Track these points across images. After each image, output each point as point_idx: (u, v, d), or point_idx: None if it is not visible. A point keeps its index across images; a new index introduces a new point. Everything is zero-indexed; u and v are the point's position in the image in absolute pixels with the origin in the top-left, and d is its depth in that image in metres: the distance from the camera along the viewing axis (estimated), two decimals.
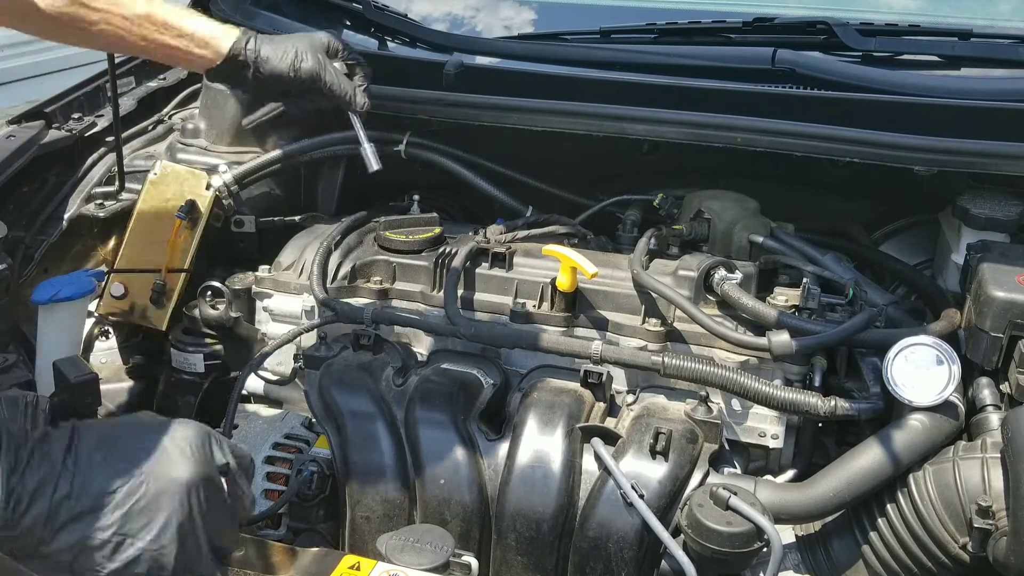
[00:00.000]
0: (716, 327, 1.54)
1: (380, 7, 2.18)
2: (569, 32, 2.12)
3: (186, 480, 1.08)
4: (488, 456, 1.49)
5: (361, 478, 1.48)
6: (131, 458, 1.07)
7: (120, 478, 1.05)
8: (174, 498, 1.07)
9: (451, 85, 1.89)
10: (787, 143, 1.73)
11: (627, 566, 1.39)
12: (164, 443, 1.10)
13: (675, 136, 1.79)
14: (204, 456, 1.12)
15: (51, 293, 1.72)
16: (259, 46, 1.61)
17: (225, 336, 1.84)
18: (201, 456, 1.11)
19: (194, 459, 1.10)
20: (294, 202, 2.08)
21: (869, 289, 1.68)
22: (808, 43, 1.98)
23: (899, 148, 1.68)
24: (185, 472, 1.08)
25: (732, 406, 1.58)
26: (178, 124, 2.23)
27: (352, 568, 1.23)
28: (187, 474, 1.08)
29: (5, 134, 1.99)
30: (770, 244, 1.74)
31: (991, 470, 1.35)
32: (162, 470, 1.07)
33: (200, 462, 1.10)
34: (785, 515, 1.43)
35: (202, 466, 1.10)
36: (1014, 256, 1.57)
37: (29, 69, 5.90)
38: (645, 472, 1.42)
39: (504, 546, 1.44)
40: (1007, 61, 1.97)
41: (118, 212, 2.02)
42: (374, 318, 1.63)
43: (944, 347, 1.42)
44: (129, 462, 1.07)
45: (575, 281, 1.60)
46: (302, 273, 1.75)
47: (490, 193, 1.95)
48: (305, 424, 1.64)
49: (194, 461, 1.10)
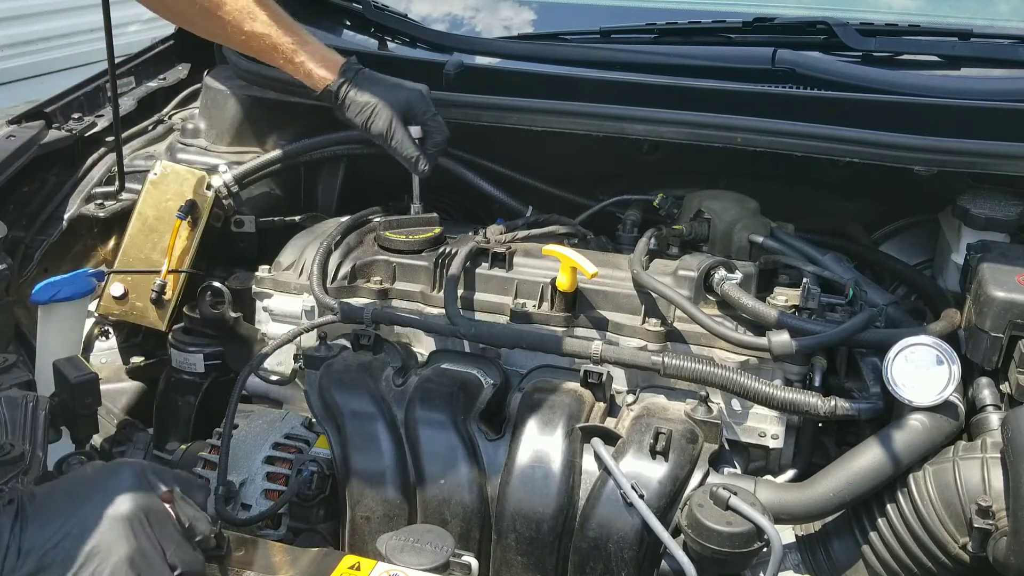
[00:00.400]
0: (716, 327, 1.54)
1: (380, 7, 2.19)
2: (569, 32, 2.12)
3: (126, 514, 1.09)
4: (488, 456, 1.48)
5: (361, 478, 1.48)
6: (69, 511, 1.09)
7: (61, 531, 1.06)
8: (119, 534, 1.08)
9: (451, 85, 1.89)
10: (787, 143, 1.73)
11: (627, 566, 1.39)
12: (102, 486, 1.12)
13: (675, 136, 1.79)
14: (142, 487, 1.13)
15: (51, 293, 1.72)
16: (347, 93, 1.69)
17: (225, 336, 1.84)
18: (139, 488, 1.12)
19: (132, 493, 1.11)
20: (294, 202, 2.08)
21: (869, 289, 1.68)
22: (808, 43, 1.98)
23: (899, 148, 1.68)
24: (125, 507, 1.09)
25: (732, 406, 1.58)
26: (178, 124, 2.23)
27: (352, 568, 1.23)
28: (127, 509, 1.09)
29: (5, 134, 1.99)
30: (770, 244, 1.74)
31: (991, 470, 1.35)
32: (102, 512, 1.09)
33: (139, 495, 1.11)
34: (785, 515, 1.43)
35: (141, 498, 1.11)
36: (1014, 256, 1.57)
37: (29, 69, 5.91)
38: (645, 472, 1.42)
39: (504, 546, 1.44)
40: (1007, 61, 1.97)
41: (118, 212, 2.02)
42: (374, 318, 1.63)
43: (944, 347, 1.42)
44: (67, 515, 1.08)
45: (575, 281, 1.60)
46: (302, 273, 1.75)
47: (490, 193, 1.95)
48: (305, 424, 1.64)
49: (132, 495, 1.11)
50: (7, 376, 1.40)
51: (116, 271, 1.92)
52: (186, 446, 1.67)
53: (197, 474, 1.55)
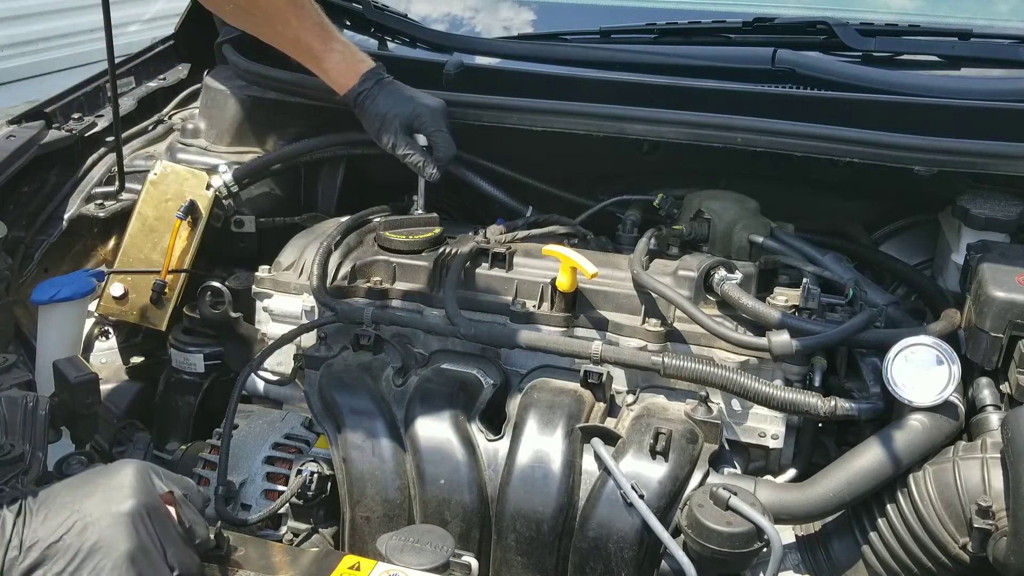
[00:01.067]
0: (716, 327, 1.54)
1: (380, 7, 2.18)
2: (569, 32, 2.12)
3: (130, 512, 1.09)
4: (488, 456, 1.48)
5: (361, 478, 1.48)
6: (72, 506, 1.09)
7: (64, 525, 1.07)
8: (122, 531, 1.08)
9: (451, 85, 1.89)
10: (787, 143, 1.73)
11: (627, 566, 1.39)
12: (104, 483, 1.12)
13: (675, 136, 1.79)
14: (145, 487, 1.13)
15: (51, 293, 1.72)
16: (363, 103, 1.77)
17: (225, 336, 1.84)
18: (142, 488, 1.13)
19: (135, 492, 1.12)
20: (294, 202, 2.08)
21: (869, 289, 1.68)
22: (808, 43, 1.98)
23: (899, 148, 1.68)
24: (128, 505, 1.10)
25: (732, 406, 1.58)
26: (178, 124, 2.23)
27: (352, 568, 1.23)
28: (130, 506, 1.10)
29: (5, 134, 1.99)
30: (770, 244, 1.74)
31: (991, 470, 1.35)
32: (105, 508, 1.09)
33: (142, 493, 1.12)
34: (785, 515, 1.43)
35: (145, 496, 1.12)
36: (1014, 256, 1.57)
37: (29, 69, 5.91)
38: (645, 472, 1.42)
39: (504, 546, 1.44)
40: (1007, 61, 1.97)
41: (118, 212, 2.02)
42: (374, 318, 1.63)
43: (944, 347, 1.42)
44: (71, 510, 1.09)
45: (575, 281, 1.60)
46: (302, 273, 1.75)
47: (490, 193, 1.95)
48: (305, 424, 1.64)
49: (136, 493, 1.11)
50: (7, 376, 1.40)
51: (116, 271, 1.92)
52: (186, 446, 1.68)
53: (197, 474, 1.55)
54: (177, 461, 1.62)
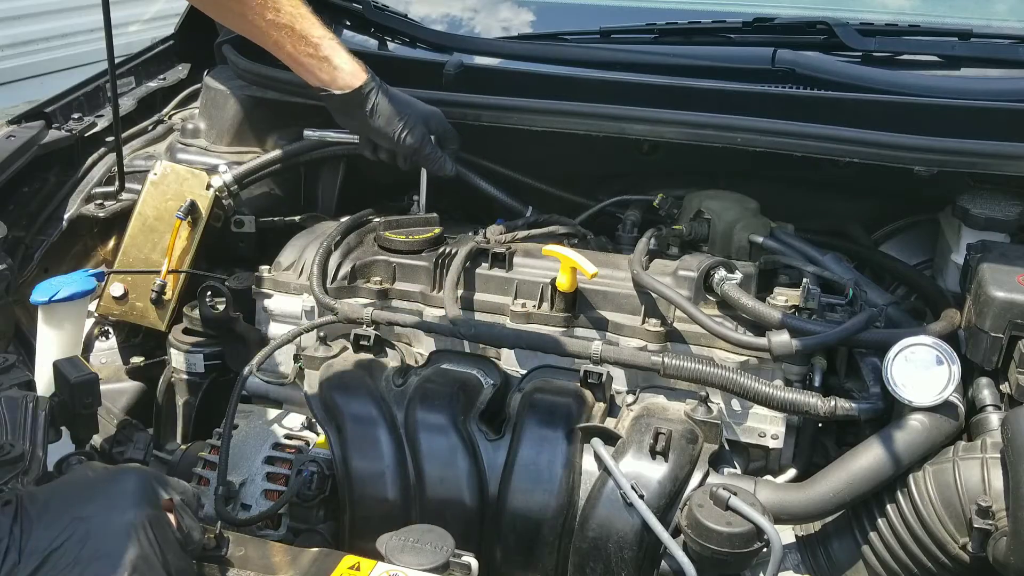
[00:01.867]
0: (716, 327, 1.54)
1: (380, 7, 2.19)
2: (569, 32, 2.12)
3: (132, 520, 1.09)
4: (488, 456, 1.48)
5: (361, 478, 1.48)
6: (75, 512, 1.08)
7: (66, 532, 1.06)
8: (124, 539, 1.07)
9: (451, 85, 1.89)
10: (787, 143, 1.73)
11: (627, 566, 1.39)
12: (107, 491, 1.12)
13: (675, 136, 1.79)
14: (149, 496, 1.13)
15: (51, 293, 1.72)
16: (376, 100, 1.69)
17: (225, 336, 1.84)
18: (146, 496, 1.12)
19: (139, 500, 1.11)
20: (294, 202, 2.08)
21: (869, 289, 1.68)
22: (808, 43, 1.98)
23: (899, 148, 1.68)
24: (131, 514, 1.09)
25: (732, 406, 1.58)
26: (178, 124, 2.23)
27: (352, 568, 1.23)
28: (133, 516, 1.09)
29: (5, 134, 1.99)
30: (770, 244, 1.74)
31: (991, 470, 1.35)
32: (108, 516, 1.09)
33: (145, 502, 1.12)
34: (785, 515, 1.43)
35: (148, 505, 1.11)
36: (1014, 256, 1.57)
37: (29, 69, 5.91)
38: (645, 472, 1.42)
39: (504, 546, 1.44)
40: (1006, 61, 1.97)
41: (118, 212, 2.02)
42: (374, 318, 1.63)
43: (944, 347, 1.42)
44: (73, 516, 1.08)
45: (575, 281, 1.60)
46: (302, 273, 1.75)
47: (490, 193, 1.95)
48: (305, 424, 1.64)
49: (139, 502, 1.11)
50: (7, 376, 1.40)
51: (116, 271, 1.92)
52: (186, 446, 1.68)
53: (197, 474, 1.55)
54: (177, 461, 1.62)
